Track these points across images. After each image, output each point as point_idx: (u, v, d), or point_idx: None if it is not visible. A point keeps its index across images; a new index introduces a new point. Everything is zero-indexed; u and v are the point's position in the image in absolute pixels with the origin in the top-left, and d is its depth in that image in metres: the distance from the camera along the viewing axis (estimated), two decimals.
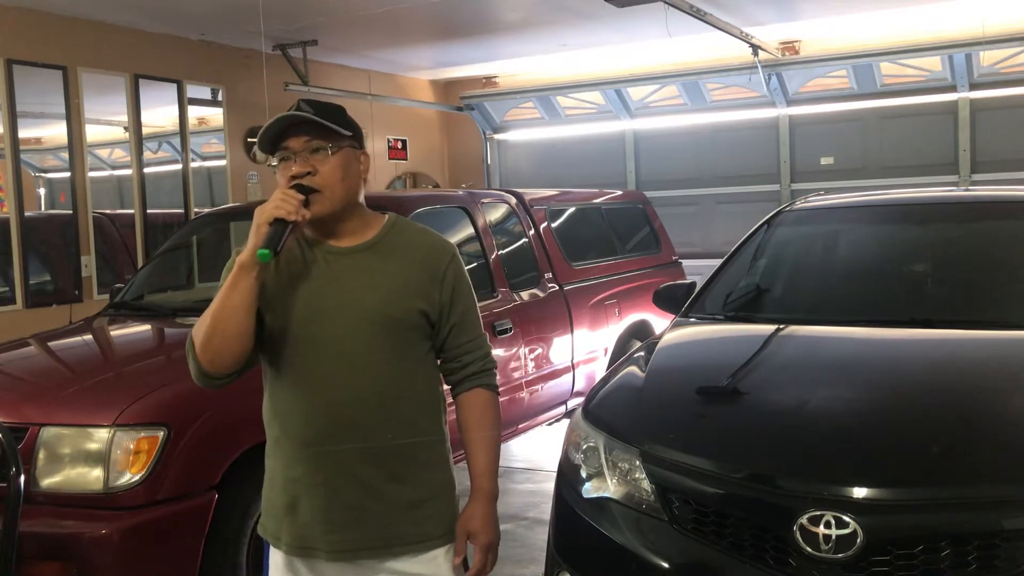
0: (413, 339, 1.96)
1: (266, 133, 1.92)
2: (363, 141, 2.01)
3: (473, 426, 2.03)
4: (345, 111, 1.99)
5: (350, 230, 1.96)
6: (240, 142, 8.36)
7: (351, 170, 1.94)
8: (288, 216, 1.80)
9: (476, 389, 2.04)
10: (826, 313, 3.58)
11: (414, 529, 1.95)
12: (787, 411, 2.75)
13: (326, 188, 1.88)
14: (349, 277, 1.93)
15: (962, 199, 4.60)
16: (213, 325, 1.84)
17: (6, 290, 6.53)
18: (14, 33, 6.53)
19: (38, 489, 3.00)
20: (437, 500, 1.99)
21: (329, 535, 1.92)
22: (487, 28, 8.20)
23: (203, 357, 1.86)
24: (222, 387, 1.94)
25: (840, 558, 2.22)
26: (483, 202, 5.18)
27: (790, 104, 9.27)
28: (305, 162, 1.88)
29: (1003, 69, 8.42)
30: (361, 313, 1.90)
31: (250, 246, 1.82)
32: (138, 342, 4.19)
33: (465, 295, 2.02)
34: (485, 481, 2.01)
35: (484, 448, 2.02)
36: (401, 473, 1.94)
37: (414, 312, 1.93)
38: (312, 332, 1.90)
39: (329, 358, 1.89)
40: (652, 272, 6.30)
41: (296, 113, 1.89)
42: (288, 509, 1.96)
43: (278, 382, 1.96)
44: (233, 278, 1.83)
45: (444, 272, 1.98)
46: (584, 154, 10.30)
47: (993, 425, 2.57)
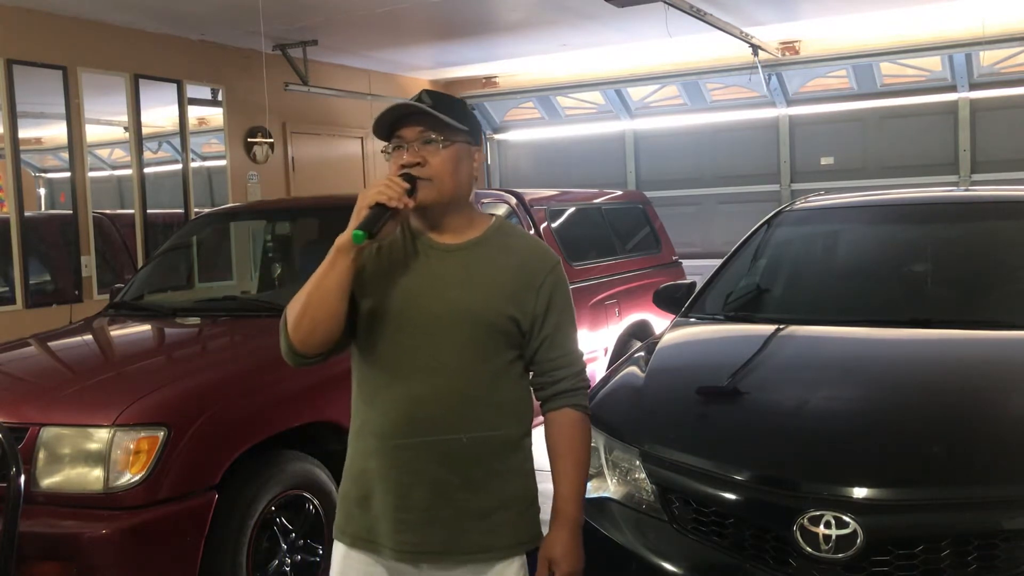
0: (501, 344, 1.91)
1: (382, 119, 1.89)
2: (479, 137, 1.98)
3: (560, 448, 1.95)
4: (465, 105, 1.96)
5: (455, 227, 1.94)
6: (240, 142, 8.36)
7: (462, 165, 1.91)
8: (389, 202, 1.78)
9: (565, 409, 1.97)
10: (826, 313, 3.59)
11: (479, 539, 1.90)
12: (787, 411, 2.75)
13: (435, 179, 1.86)
14: (446, 274, 1.90)
15: (962, 199, 4.60)
16: (306, 304, 1.83)
17: (6, 290, 6.52)
18: (14, 33, 6.53)
19: (38, 489, 3.00)
20: (508, 511, 1.92)
21: (396, 534, 1.89)
22: (487, 28, 8.20)
23: (294, 336, 1.85)
24: (311, 366, 1.92)
25: (840, 558, 2.22)
26: (483, 202, 5.17)
27: (790, 104, 9.28)
28: (416, 152, 1.86)
29: (1003, 69, 8.42)
30: (452, 311, 1.87)
31: (349, 227, 1.79)
32: (138, 342, 4.19)
33: (561, 309, 1.96)
34: (570, 507, 1.93)
35: (570, 472, 1.94)
36: (473, 479, 1.89)
37: (504, 317, 1.89)
38: (401, 324, 1.88)
39: (415, 352, 1.88)
40: (652, 272, 6.30)
41: (411, 102, 1.87)
42: (359, 502, 1.93)
43: (364, 371, 1.94)
44: (330, 259, 1.81)
45: (543, 281, 1.94)
46: (584, 154, 10.31)
47: (993, 425, 2.57)
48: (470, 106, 7.95)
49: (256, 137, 8.44)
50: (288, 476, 3.33)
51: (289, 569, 3.36)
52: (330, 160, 9.21)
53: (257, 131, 8.42)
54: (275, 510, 3.29)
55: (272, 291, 4.73)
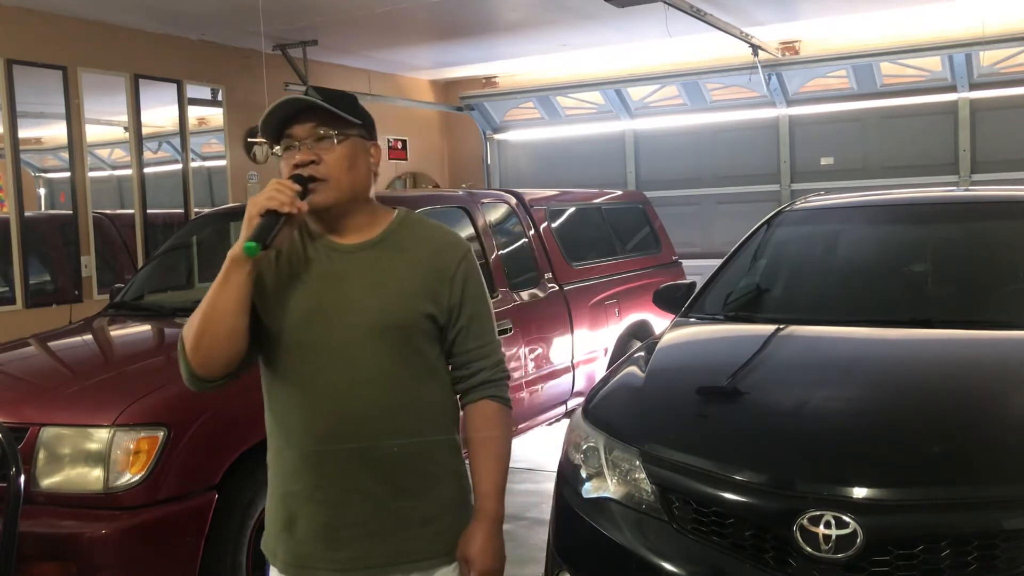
0: (421, 344, 1.82)
1: (269, 119, 1.78)
2: (374, 132, 1.87)
3: (478, 442, 1.88)
4: (356, 99, 1.85)
5: (356, 226, 1.83)
6: (240, 142, 8.36)
7: (359, 161, 1.80)
8: (280, 208, 1.66)
9: (483, 400, 1.90)
10: (826, 313, 3.58)
11: (423, 546, 1.84)
12: (787, 411, 2.75)
13: (330, 178, 1.75)
14: (351, 277, 1.79)
15: (962, 199, 4.60)
16: (203, 324, 1.70)
17: (6, 290, 6.53)
18: (14, 33, 6.53)
19: (38, 489, 3.00)
20: (448, 516, 1.87)
21: (333, 552, 1.80)
22: (487, 28, 8.20)
23: (193, 359, 1.73)
24: (214, 390, 1.80)
25: (840, 558, 2.22)
26: (483, 202, 5.18)
27: (790, 104, 9.27)
28: (309, 151, 1.75)
29: (1003, 69, 8.42)
30: (363, 317, 1.77)
31: (241, 239, 1.68)
32: (138, 342, 4.19)
33: (476, 297, 1.87)
34: (488, 502, 1.86)
35: (489, 466, 1.88)
36: (409, 487, 1.81)
37: (419, 316, 1.80)
38: (311, 337, 1.77)
39: (330, 365, 1.77)
40: (652, 272, 6.30)
41: (301, 97, 1.77)
42: (285, 525, 1.84)
43: (277, 389, 1.83)
44: (224, 274, 1.70)
45: (455, 271, 1.84)
46: (584, 154, 10.30)
47: (993, 425, 2.57)
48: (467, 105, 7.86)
49: (256, 137, 8.43)
50: None
51: None
52: None
53: (257, 131, 8.40)
54: None
55: None
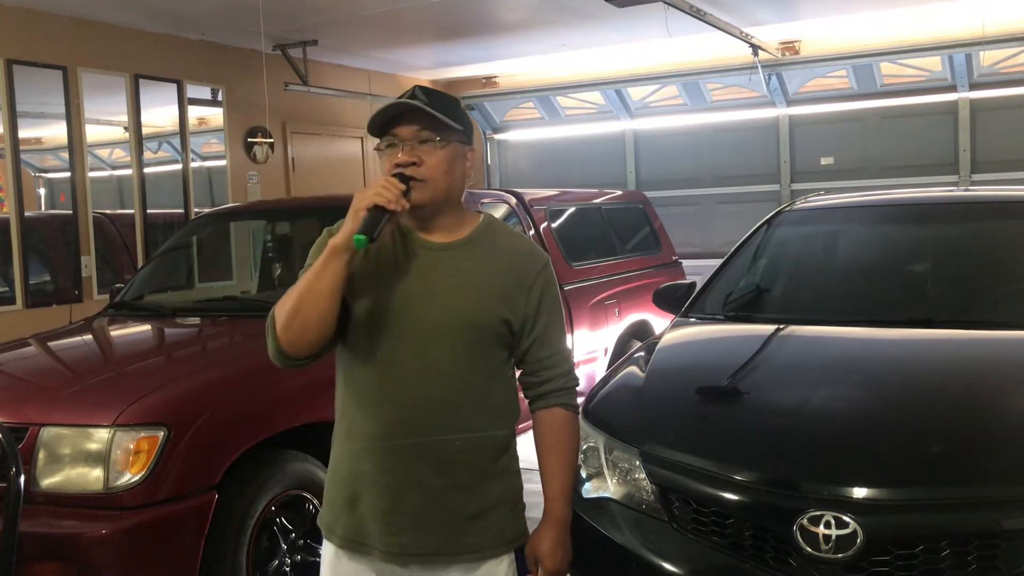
0: (492, 346, 1.90)
1: (377, 118, 1.86)
2: (472, 137, 1.95)
3: (549, 447, 1.96)
4: (459, 104, 1.94)
5: (445, 226, 1.91)
6: (240, 142, 8.36)
7: (456, 165, 1.89)
8: (388, 204, 1.75)
9: (555, 408, 1.97)
10: (826, 313, 3.59)
11: (472, 540, 1.90)
12: (787, 411, 2.75)
13: (429, 180, 1.83)
14: (437, 274, 1.88)
15: (962, 199, 4.60)
16: (297, 306, 1.78)
17: (6, 290, 6.52)
18: (14, 33, 6.53)
19: (38, 489, 3.00)
20: (498, 512, 1.93)
21: (387, 536, 1.87)
22: (487, 28, 8.20)
23: (283, 337, 1.81)
24: (298, 368, 1.88)
25: (840, 558, 2.22)
26: (483, 202, 5.17)
27: (790, 104, 9.27)
28: (411, 152, 1.83)
29: (1003, 69, 8.42)
30: (443, 313, 1.85)
31: (346, 230, 1.75)
32: (138, 342, 4.19)
33: (551, 308, 1.96)
34: (557, 505, 1.94)
35: (558, 470, 1.95)
36: (465, 482, 1.88)
37: (496, 319, 1.88)
38: (393, 327, 1.85)
39: (406, 356, 1.85)
40: (652, 272, 6.30)
41: (409, 101, 1.84)
42: (348, 503, 1.91)
43: (353, 373, 1.91)
44: (324, 260, 1.77)
45: (533, 281, 1.93)
46: (584, 154, 10.31)
47: (993, 425, 2.57)
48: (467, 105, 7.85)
49: (256, 137, 8.44)
50: (288, 476, 3.32)
51: (289, 569, 3.36)
52: (330, 160, 9.22)
53: (257, 131, 8.42)
54: (275, 510, 3.29)
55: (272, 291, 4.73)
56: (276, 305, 1.85)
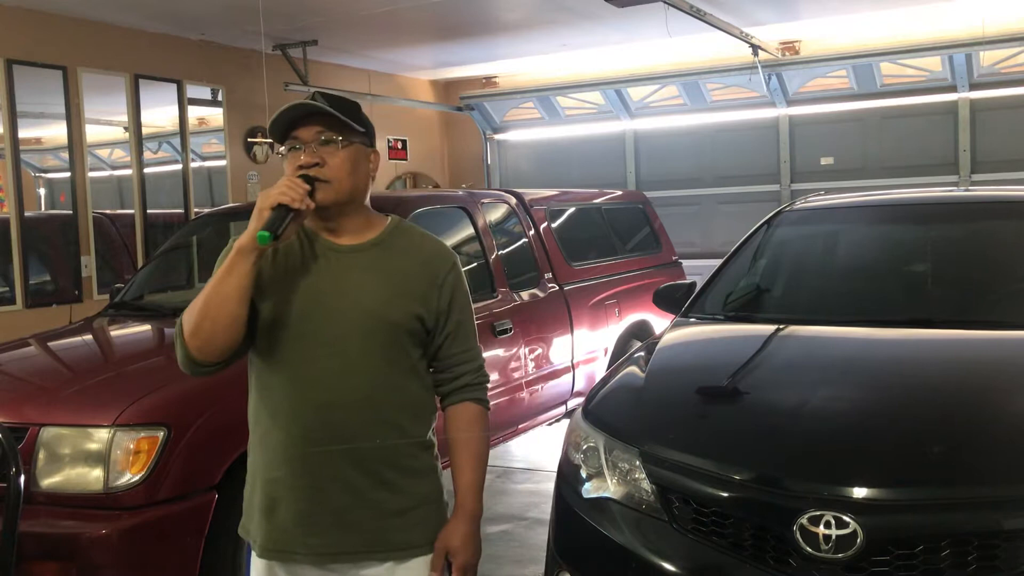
0: (407, 344, 1.91)
1: (278, 121, 1.87)
2: (374, 140, 1.97)
3: (460, 441, 1.98)
4: (360, 107, 1.95)
5: (352, 228, 1.92)
6: (240, 142, 8.36)
7: (360, 166, 1.90)
8: (292, 203, 1.75)
9: (466, 403, 2.00)
10: (826, 313, 3.58)
11: (399, 536, 1.91)
12: (787, 411, 2.75)
13: (333, 180, 1.84)
14: (348, 275, 1.89)
15: (962, 199, 4.60)
16: (204, 311, 1.78)
17: (6, 290, 6.53)
18: (14, 33, 6.53)
19: (38, 489, 3.00)
20: (423, 509, 1.95)
21: (310, 538, 1.88)
22: (487, 28, 8.20)
23: (191, 343, 1.81)
24: (208, 375, 1.88)
25: (840, 558, 2.22)
26: (483, 202, 5.18)
27: (790, 104, 9.27)
28: (314, 153, 1.84)
29: (1003, 69, 8.42)
30: (357, 313, 1.86)
31: (250, 229, 1.75)
32: (138, 342, 4.19)
33: (462, 305, 1.98)
34: (469, 499, 1.97)
35: (470, 465, 1.98)
36: (388, 479, 1.90)
37: (410, 316, 1.89)
38: (305, 328, 1.85)
39: (321, 357, 1.85)
40: (652, 272, 6.30)
41: (309, 103, 1.86)
42: (266, 511, 1.91)
43: (266, 378, 1.91)
44: (230, 262, 1.77)
45: (444, 278, 1.95)
46: (584, 154, 10.30)
47: (993, 425, 2.57)
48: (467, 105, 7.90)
49: (256, 137, 8.44)
50: None
51: None
52: None
53: (257, 131, 8.42)
54: None
55: None
56: (184, 312, 1.84)
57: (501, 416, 4.59)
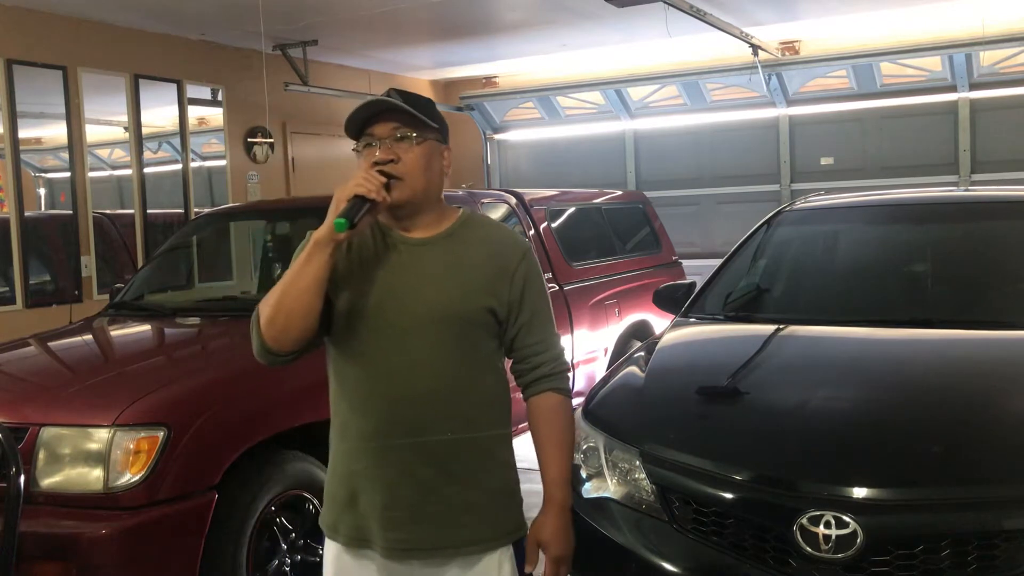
0: (480, 336, 1.91)
1: (354, 117, 1.88)
2: (448, 137, 1.98)
3: (544, 432, 1.97)
4: (434, 104, 1.97)
5: (425, 223, 1.93)
6: (240, 142, 8.36)
7: (434, 163, 1.91)
8: (369, 194, 1.77)
9: (547, 393, 1.98)
10: (826, 313, 3.59)
11: (468, 533, 1.90)
12: (787, 411, 2.75)
13: (408, 176, 1.85)
14: (419, 269, 1.90)
15: (962, 199, 4.60)
16: (280, 301, 1.80)
17: (6, 290, 6.53)
18: (14, 33, 6.53)
19: (38, 489, 3.00)
20: (495, 503, 1.94)
21: (386, 532, 1.88)
22: (487, 28, 8.20)
23: (267, 333, 1.82)
24: (284, 365, 1.89)
25: (840, 558, 2.22)
26: (483, 202, 5.18)
27: (790, 104, 9.27)
28: (389, 149, 1.85)
29: (1003, 69, 8.42)
30: (428, 307, 1.86)
31: (327, 220, 1.78)
32: (138, 342, 4.19)
33: (536, 294, 1.97)
34: (557, 490, 1.94)
35: (556, 455, 1.96)
36: (459, 474, 1.89)
37: (481, 309, 1.89)
38: (379, 322, 1.87)
39: (393, 350, 1.86)
40: (652, 272, 6.30)
41: (386, 99, 1.87)
42: (348, 502, 1.92)
43: (342, 371, 1.93)
44: (307, 254, 1.79)
45: (515, 269, 1.94)
46: (584, 154, 10.30)
47: (993, 425, 2.57)
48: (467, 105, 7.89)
49: (256, 137, 8.44)
50: (288, 476, 3.33)
51: (289, 569, 3.37)
52: (330, 160, 9.21)
53: (257, 131, 8.42)
54: (275, 510, 3.29)
55: None
56: (260, 302, 1.87)
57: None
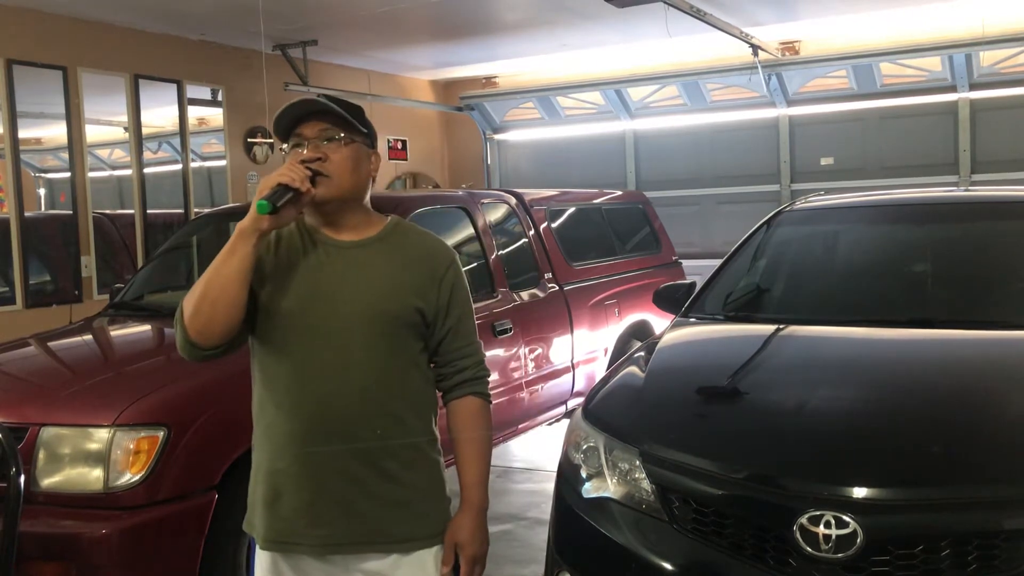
0: (407, 337, 1.93)
1: (281, 118, 1.90)
2: (376, 143, 2.01)
3: (463, 435, 2.00)
4: (363, 111, 1.99)
5: (352, 225, 1.95)
6: (240, 142, 8.36)
7: (361, 165, 1.93)
8: (292, 183, 1.78)
9: (468, 397, 2.01)
10: (826, 313, 3.58)
11: (400, 528, 1.93)
12: (787, 411, 2.75)
13: (334, 176, 1.87)
14: (348, 270, 1.91)
15: (962, 199, 4.60)
16: (205, 292, 1.81)
17: (6, 290, 6.53)
18: (14, 33, 6.53)
19: (38, 489, 3.00)
20: (425, 502, 1.97)
21: (313, 529, 1.89)
22: (487, 28, 8.20)
23: (191, 326, 1.83)
24: (206, 360, 1.90)
25: (840, 558, 2.22)
26: (483, 202, 5.18)
27: (790, 104, 9.27)
28: (317, 148, 1.87)
29: (1003, 69, 8.42)
30: (357, 307, 1.88)
31: (251, 210, 1.78)
32: (138, 342, 4.19)
33: (462, 300, 2.01)
34: (474, 492, 1.99)
35: (474, 458, 2.00)
36: (389, 471, 1.91)
37: (410, 309, 1.91)
38: (306, 322, 1.87)
39: (322, 349, 1.87)
40: (652, 272, 6.30)
41: (314, 99, 1.90)
42: (269, 502, 1.93)
43: (269, 368, 1.93)
44: (231, 244, 1.80)
45: (443, 275, 1.97)
46: (584, 154, 10.30)
47: (993, 425, 2.57)
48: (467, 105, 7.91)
49: (256, 137, 8.44)
50: None
51: None
52: None
53: (257, 131, 8.42)
54: None
55: None
56: (185, 297, 1.87)
57: (501, 416, 4.59)
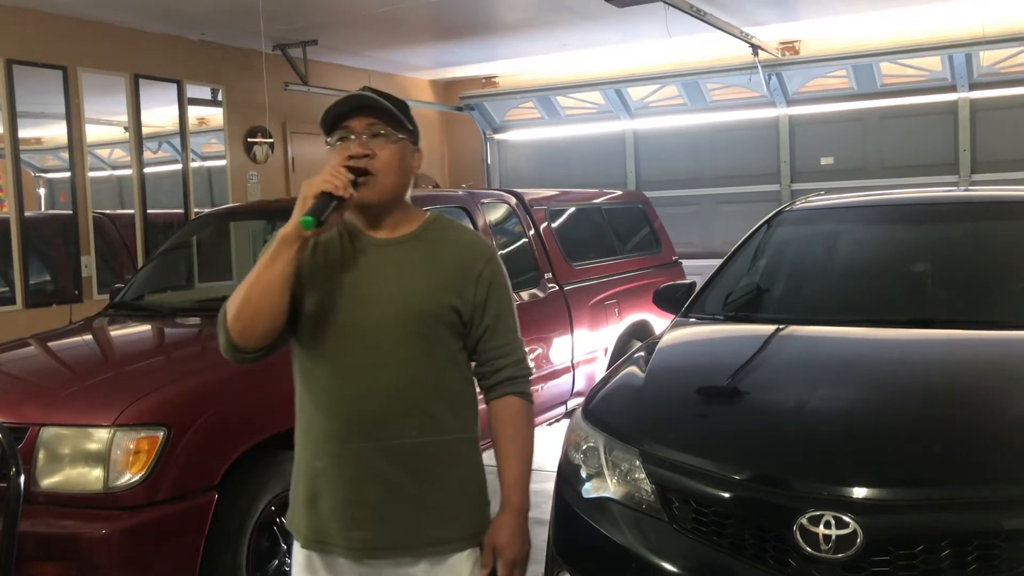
0: (445, 336, 1.91)
1: (330, 111, 1.89)
2: (419, 140, 2.00)
3: (503, 436, 1.96)
4: (409, 108, 1.98)
5: (392, 223, 1.94)
6: (240, 142, 8.36)
7: (405, 162, 1.92)
8: (336, 191, 1.77)
9: (508, 396, 1.98)
10: (826, 313, 3.58)
11: (435, 532, 1.90)
12: (787, 411, 2.75)
13: (380, 173, 1.86)
14: (385, 269, 1.90)
15: (962, 199, 4.60)
16: (247, 297, 1.80)
17: (6, 290, 6.53)
18: (14, 33, 6.53)
19: (38, 489, 3.00)
20: (462, 503, 1.94)
21: (348, 532, 1.88)
22: (487, 28, 8.20)
23: (233, 328, 1.83)
24: (249, 362, 1.89)
25: (840, 558, 2.22)
26: (483, 202, 5.18)
27: (790, 104, 9.27)
28: (364, 144, 1.86)
29: (1003, 69, 8.42)
30: (394, 306, 1.87)
31: (294, 217, 1.77)
32: (138, 342, 4.19)
33: (501, 298, 1.97)
34: (514, 493, 1.94)
35: (513, 458, 1.96)
36: (425, 472, 1.89)
37: (446, 307, 1.89)
38: (344, 321, 1.87)
39: (359, 349, 1.87)
40: (652, 272, 6.30)
41: (364, 94, 1.88)
42: (309, 501, 1.92)
43: (308, 369, 1.93)
44: (274, 250, 1.79)
45: (481, 271, 1.95)
46: (584, 154, 10.30)
47: (993, 425, 2.57)
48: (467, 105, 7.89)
49: (256, 137, 8.44)
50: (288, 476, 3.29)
51: (289, 569, 3.36)
52: None
53: (257, 131, 8.42)
54: (275, 510, 3.29)
55: None
56: (228, 299, 1.87)
57: None
